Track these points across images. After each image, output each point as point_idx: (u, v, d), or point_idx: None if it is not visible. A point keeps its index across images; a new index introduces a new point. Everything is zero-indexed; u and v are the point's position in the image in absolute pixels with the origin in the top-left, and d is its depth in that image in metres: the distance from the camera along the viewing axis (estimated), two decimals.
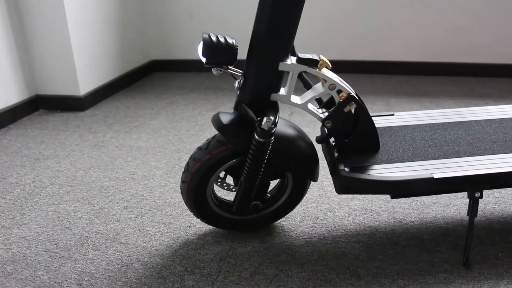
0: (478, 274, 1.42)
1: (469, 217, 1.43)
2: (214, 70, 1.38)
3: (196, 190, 1.50)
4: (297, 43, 3.24)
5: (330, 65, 1.39)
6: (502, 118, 1.71)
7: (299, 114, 2.63)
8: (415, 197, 1.79)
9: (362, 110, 1.42)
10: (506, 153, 1.50)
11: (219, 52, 1.34)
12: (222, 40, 1.35)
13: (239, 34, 3.22)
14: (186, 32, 3.50)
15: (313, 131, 2.40)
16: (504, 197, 1.80)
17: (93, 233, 1.65)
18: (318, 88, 1.42)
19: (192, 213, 1.63)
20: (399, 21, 3.21)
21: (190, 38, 3.51)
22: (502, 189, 1.84)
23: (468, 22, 3.13)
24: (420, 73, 3.30)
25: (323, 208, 1.76)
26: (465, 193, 1.80)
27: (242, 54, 1.43)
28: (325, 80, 1.39)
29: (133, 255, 1.54)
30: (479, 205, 1.74)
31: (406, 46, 3.26)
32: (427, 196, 1.80)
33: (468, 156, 1.48)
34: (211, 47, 1.34)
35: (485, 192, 1.82)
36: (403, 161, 1.45)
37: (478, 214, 1.70)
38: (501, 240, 1.56)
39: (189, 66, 3.56)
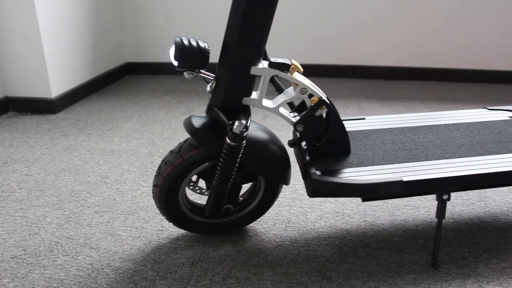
0: (446, 274, 1.45)
1: (438, 219, 1.46)
2: (186, 74, 1.38)
3: (168, 194, 1.50)
4: (269, 47, 3.26)
5: (302, 70, 1.40)
6: (469, 122, 1.75)
7: (273, 118, 2.64)
8: (386, 200, 1.81)
9: (333, 114, 1.43)
10: (472, 156, 1.53)
11: (191, 56, 1.35)
12: (194, 43, 1.35)
13: (214, 37, 3.22)
14: (161, 34, 3.48)
15: (286, 135, 2.41)
16: (471, 199, 1.84)
17: (63, 238, 1.63)
18: (290, 92, 1.43)
19: (164, 217, 1.63)
20: (372, 25, 3.26)
21: (165, 41, 3.49)
22: (470, 191, 1.88)
23: (439, 28, 3.20)
24: (392, 77, 3.35)
25: (295, 211, 1.77)
26: (434, 196, 1.84)
27: (215, 58, 1.43)
28: (296, 84, 1.40)
29: (104, 260, 1.52)
30: (447, 207, 1.78)
31: (379, 51, 3.31)
32: (398, 199, 1.83)
33: (437, 159, 1.51)
34: (183, 50, 1.34)
35: (453, 194, 1.86)
36: (373, 164, 1.47)
37: (446, 216, 1.74)
38: (468, 241, 1.60)
39: (163, 69, 3.54)
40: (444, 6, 3.14)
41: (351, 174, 1.41)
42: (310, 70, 3.31)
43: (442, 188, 1.43)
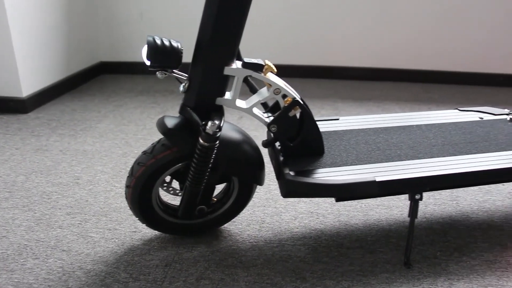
0: (418, 273, 1.46)
1: (410, 218, 1.48)
2: (158, 74, 1.37)
3: (140, 195, 1.48)
4: (243, 47, 3.25)
5: (275, 70, 1.40)
6: (441, 123, 1.78)
7: (248, 118, 2.64)
8: (360, 200, 1.83)
9: (306, 115, 1.44)
10: (444, 156, 1.56)
11: (163, 56, 1.33)
12: (167, 43, 1.34)
13: (192, 36, 3.19)
14: (136, 33, 3.45)
15: (261, 135, 2.41)
16: (443, 198, 1.87)
17: (33, 241, 1.59)
18: (264, 93, 1.43)
19: (137, 219, 1.61)
20: (346, 26, 3.28)
21: (140, 40, 3.45)
22: (442, 191, 1.91)
23: (414, 30, 3.24)
24: (367, 78, 3.38)
25: (269, 212, 1.77)
26: (407, 195, 1.86)
27: (188, 57, 1.42)
28: (270, 84, 1.40)
29: (76, 262, 1.49)
30: (420, 207, 1.81)
31: (353, 52, 3.34)
32: (372, 199, 1.84)
33: (409, 160, 1.53)
34: (155, 50, 1.33)
35: (426, 194, 1.89)
36: (347, 164, 1.48)
37: (419, 215, 1.76)
38: (440, 240, 1.62)
39: (139, 69, 3.50)
40: (419, 9, 3.18)
41: (324, 175, 1.41)
42: (285, 71, 3.31)
43: (414, 188, 1.44)
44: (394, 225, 1.70)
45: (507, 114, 1.86)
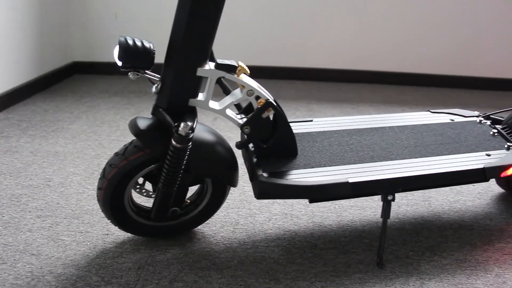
0: (391, 273, 1.48)
1: (383, 219, 1.50)
2: (130, 74, 1.36)
3: (112, 197, 1.46)
4: (217, 49, 3.24)
5: (248, 71, 1.40)
6: (413, 125, 1.80)
7: (223, 119, 2.63)
8: (333, 201, 1.84)
9: (280, 116, 1.44)
10: (416, 157, 1.58)
11: (135, 56, 1.32)
12: (138, 43, 1.33)
13: (167, 37, 3.17)
14: (111, 32, 3.40)
15: (236, 137, 2.39)
16: (416, 199, 1.89)
17: (1, 246, 1.55)
18: (237, 94, 1.43)
19: (109, 221, 1.58)
20: (322, 28, 3.31)
21: (115, 40, 3.36)
22: (414, 191, 1.94)
23: (388, 33, 3.28)
24: (341, 80, 3.41)
25: (243, 213, 1.77)
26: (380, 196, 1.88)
27: (162, 58, 1.41)
28: (243, 86, 1.40)
29: (46, 267, 1.46)
30: (393, 208, 1.82)
31: (328, 54, 3.36)
32: (345, 200, 1.86)
33: (382, 161, 1.55)
34: (127, 50, 1.31)
35: (399, 195, 1.91)
36: (320, 166, 1.49)
37: (392, 216, 1.77)
38: (412, 240, 1.64)
39: (113, 69, 3.44)
40: (393, 12, 3.22)
41: (298, 176, 1.42)
42: (260, 72, 3.31)
43: (386, 189, 1.46)
44: (367, 226, 1.72)
45: (476, 116, 1.90)
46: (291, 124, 1.65)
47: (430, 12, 3.21)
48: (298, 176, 1.42)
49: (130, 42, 1.32)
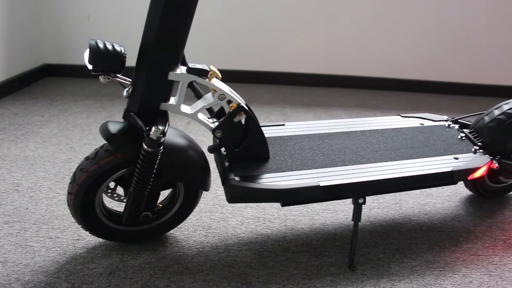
0: (362, 275, 1.50)
1: (354, 222, 1.51)
2: (101, 78, 1.35)
3: (83, 202, 1.44)
4: (189, 52, 3.24)
5: (220, 76, 1.41)
6: (384, 129, 1.83)
7: (196, 123, 2.62)
8: (306, 204, 1.85)
9: (251, 120, 1.44)
10: (386, 161, 1.61)
11: (106, 60, 1.31)
12: (109, 47, 1.32)
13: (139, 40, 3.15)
14: (83, 35, 3.35)
15: (209, 141, 2.40)
16: (387, 202, 1.92)
17: None
18: (208, 98, 1.43)
19: (80, 226, 1.56)
20: (295, 32, 3.33)
21: (87, 42, 3.34)
22: (386, 194, 1.96)
23: (360, 38, 3.33)
24: (315, 84, 3.44)
25: (216, 217, 1.77)
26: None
27: (133, 61, 1.40)
28: (215, 90, 1.40)
29: (13, 274, 1.43)
30: (364, 211, 1.85)
31: (302, 58, 3.39)
32: (318, 203, 1.87)
33: (353, 165, 1.57)
34: (97, 54, 1.30)
35: (370, 198, 1.94)
36: (291, 170, 1.50)
37: (363, 218, 1.80)
38: (383, 242, 1.67)
39: (85, 72, 3.38)
40: (365, 17, 3.27)
41: (269, 180, 1.43)
42: (233, 76, 3.32)
43: (357, 192, 1.48)
44: (339, 229, 1.73)
45: (445, 121, 1.94)
46: (263, 128, 1.66)
47: (402, 18, 3.27)
48: (270, 180, 1.43)
49: (101, 45, 1.31)
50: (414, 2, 3.22)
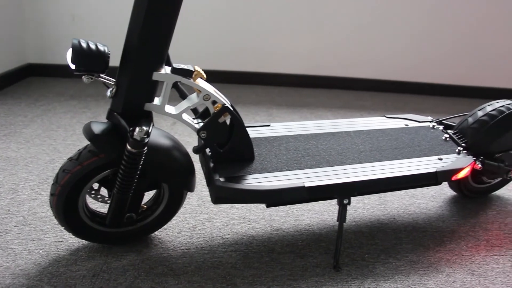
0: (347, 276, 1.50)
1: (339, 222, 1.52)
2: (84, 78, 1.33)
3: (66, 203, 1.43)
4: (174, 53, 3.23)
5: (205, 76, 1.40)
6: (369, 130, 1.84)
7: (182, 124, 2.60)
8: (291, 205, 1.85)
9: (236, 121, 1.44)
10: (371, 162, 1.61)
11: (89, 59, 1.29)
12: (92, 47, 1.30)
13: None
14: (68, 35, 3.32)
15: (194, 141, 2.39)
16: (372, 202, 1.93)
17: None
18: (193, 99, 1.42)
19: (63, 228, 1.54)
20: (282, 33, 3.33)
21: (71, 41, 3.32)
22: (371, 195, 1.97)
23: (346, 39, 3.34)
24: (302, 85, 3.44)
25: (201, 218, 1.76)
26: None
27: (117, 61, 1.38)
28: (199, 90, 1.39)
29: None
30: (349, 211, 1.85)
31: (289, 59, 3.39)
32: (303, 204, 1.88)
33: (338, 166, 1.57)
34: (80, 53, 1.29)
35: (356, 198, 1.94)
36: (277, 170, 1.49)
37: (348, 219, 1.81)
38: (368, 243, 1.67)
39: (70, 72, 3.36)
40: (351, 18, 3.28)
41: (254, 181, 1.42)
42: (220, 77, 3.32)
43: (342, 193, 1.48)
44: (324, 230, 1.74)
45: (430, 122, 1.95)
46: (248, 129, 1.66)
47: (388, 21, 3.29)
48: (255, 181, 1.42)
49: (84, 45, 1.29)
50: (400, 5, 3.24)
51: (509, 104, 1.82)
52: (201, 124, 1.44)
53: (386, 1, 3.24)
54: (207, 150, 1.51)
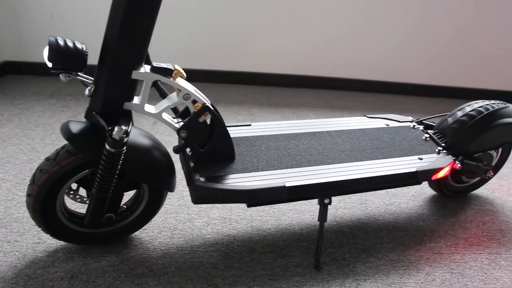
0: (328, 275, 1.50)
1: (320, 222, 1.52)
2: (62, 76, 1.31)
3: (43, 204, 1.40)
4: (154, 51, 3.20)
5: (185, 75, 1.39)
6: (350, 129, 1.84)
7: (163, 123, 2.59)
8: (272, 205, 1.85)
9: (217, 121, 1.43)
10: (352, 161, 1.61)
11: (66, 57, 1.27)
12: (70, 44, 1.28)
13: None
14: (46, 32, 3.26)
15: (176, 141, 2.37)
16: (353, 202, 1.94)
17: None
18: (173, 98, 1.41)
19: (41, 229, 1.52)
20: (264, 32, 3.33)
21: None
22: (352, 195, 1.98)
23: (328, 38, 3.35)
24: (284, 85, 3.44)
25: (182, 218, 1.74)
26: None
27: (96, 60, 1.36)
28: (179, 90, 1.38)
29: None
30: (331, 211, 1.86)
31: (270, 58, 3.39)
32: (285, 204, 1.87)
33: (318, 165, 1.57)
34: (57, 51, 1.26)
35: (337, 198, 1.95)
36: (257, 170, 1.49)
37: (329, 219, 1.81)
38: (349, 242, 1.68)
39: (49, 70, 3.32)
40: (333, 18, 3.29)
41: (235, 180, 1.41)
42: (201, 76, 3.29)
43: (323, 192, 1.48)
44: (305, 229, 1.74)
45: (410, 122, 1.96)
46: (229, 128, 1.65)
47: (370, 21, 3.31)
48: (235, 181, 1.41)
49: (61, 42, 1.27)
50: (380, 5, 3.26)
51: (487, 104, 1.84)
52: (181, 123, 1.42)
53: (368, 3, 3.25)
54: (188, 149, 1.50)
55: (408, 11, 3.29)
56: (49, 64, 1.28)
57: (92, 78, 1.36)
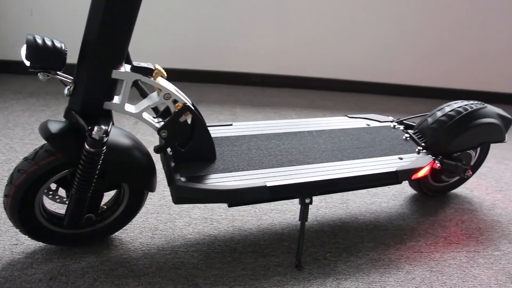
0: (308, 275, 1.51)
1: (301, 222, 1.52)
2: (40, 75, 1.29)
3: (21, 205, 1.38)
4: (135, 50, 3.18)
5: (166, 74, 1.38)
6: (331, 129, 1.85)
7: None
8: (253, 205, 1.85)
9: (197, 120, 1.43)
10: (333, 161, 1.62)
11: (45, 56, 1.26)
12: (48, 43, 1.26)
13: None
14: (26, 30, 3.22)
15: (157, 141, 2.35)
16: (334, 202, 1.95)
17: None
18: (154, 97, 1.40)
19: (18, 230, 1.49)
20: (247, 32, 3.33)
21: None
22: (333, 194, 1.99)
23: (311, 39, 3.36)
24: (266, 84, 3.45)
25: (163, 219, 1.73)
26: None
27: (76, 58, 1.35)
28: (160, 89, 1.37)
29: None
30: (312, 210, 1.87)
31: (253, 58, 3.39)
32: (266, 203, 1.88)
33: (300, 165, 1.58)
34: (35, 50, 1.25)
35: (318, 197, 1.96)
36: (238, 170, 1.49)
37: (311, 218, 1.82)
38: (330, 241, 1.69)
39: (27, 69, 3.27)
40: (316, 19, 3.31)
41: (216, 180, 1.41)
42: (182, 76, 3.28)
43: (304, 192, 1.49)
44: (287, 229, 1.74)
45: (391, 121, 1.98)
46: (210, 128, 1.65)
47: (351, 20, 3.33)
48: (216, 181, 1.41)
49: (39, 41, 1.25)
50: (363, 7, 3.29)
51: (466, 105, 1.87)
52: (162, 123, 1.42)
53: (349, 4, 3.28)
54: (168, 149, 1.49)
55: (390, 13, 3.32)
56: (27, 63, 1.27)
57: (72, 77, 1.34)
